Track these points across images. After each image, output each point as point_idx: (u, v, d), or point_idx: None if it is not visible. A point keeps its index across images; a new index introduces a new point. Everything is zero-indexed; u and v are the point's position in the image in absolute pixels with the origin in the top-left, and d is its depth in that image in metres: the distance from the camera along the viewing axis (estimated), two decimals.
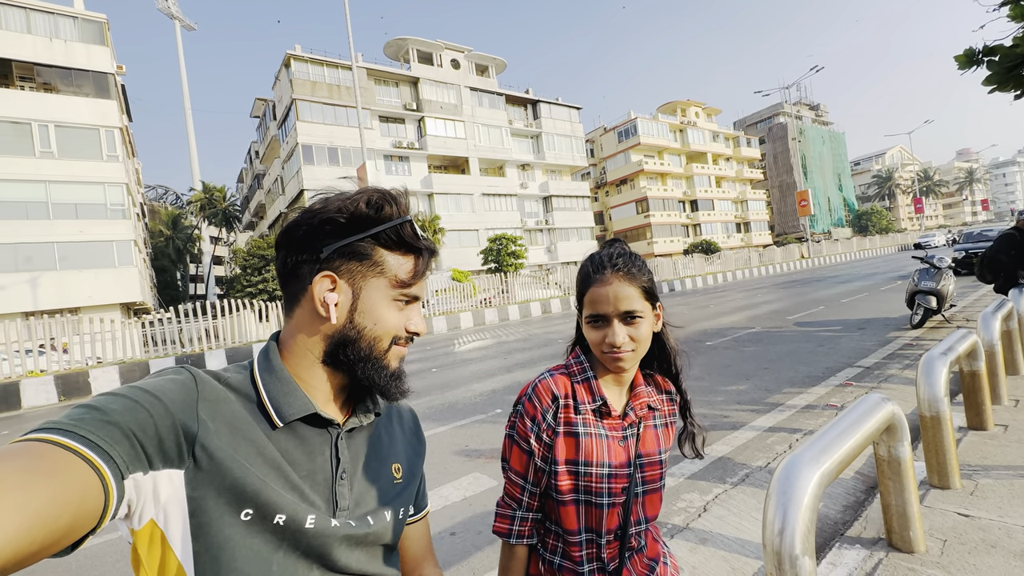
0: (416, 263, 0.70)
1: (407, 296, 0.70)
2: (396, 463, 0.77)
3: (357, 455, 0.71)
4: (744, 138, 56.99)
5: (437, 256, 0.75)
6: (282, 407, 0.64)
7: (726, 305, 14.52)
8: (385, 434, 0.78)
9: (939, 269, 7.31)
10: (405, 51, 33.72)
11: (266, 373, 0.66)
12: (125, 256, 21.08)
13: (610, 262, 0.93)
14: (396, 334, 0.69)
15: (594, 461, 0.92)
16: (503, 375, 7.35)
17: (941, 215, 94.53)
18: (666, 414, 1.03)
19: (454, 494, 3.30)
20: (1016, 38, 4.98)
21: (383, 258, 0.67)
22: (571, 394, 0.95)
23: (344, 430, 0.70)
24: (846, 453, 1.67)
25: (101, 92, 21.27)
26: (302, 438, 0.66)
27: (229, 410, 0.61)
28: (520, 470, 0.95)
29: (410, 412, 0.87)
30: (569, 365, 1.00)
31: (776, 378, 5.48)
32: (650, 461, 0.97)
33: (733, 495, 2.93)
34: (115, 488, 0.49)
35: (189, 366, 0.64)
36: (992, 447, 3.02)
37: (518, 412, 0.97)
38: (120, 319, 12.54)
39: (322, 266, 0.66)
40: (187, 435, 0.56)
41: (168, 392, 0.57)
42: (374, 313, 0.67)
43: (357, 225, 0.66)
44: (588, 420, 0.94)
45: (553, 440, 0.93)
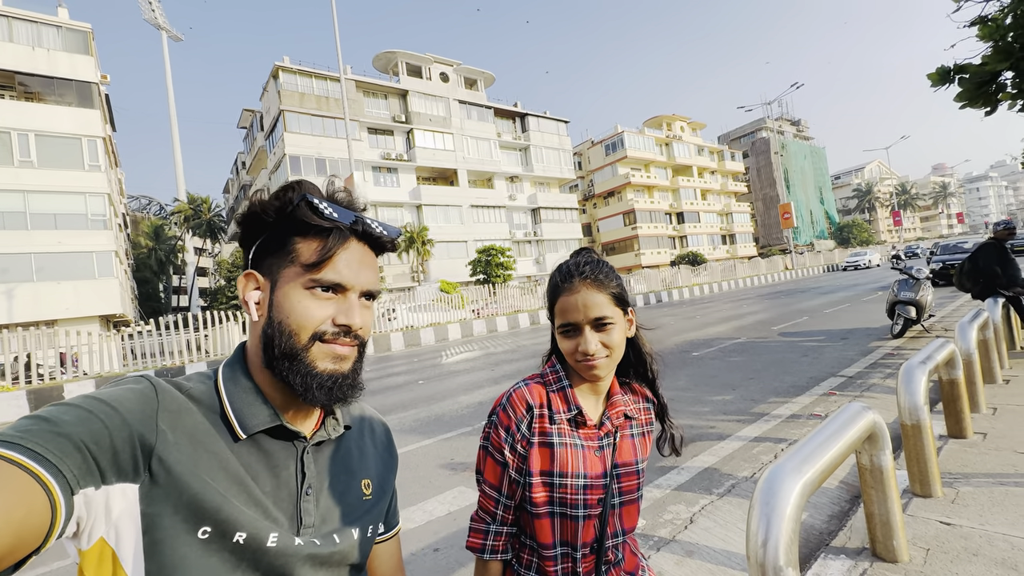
0: (323, 243, 0.62)
1: (321, 282, 0.62)
2: (366, 479, 0.74)
3: (324, 470, 0.68)
4: (728, 152, 58.13)
5: (379, 238, 0.67)
6: (245, 418, 0.61)
7: (712, 316, 14.65)
8: (356, 448, 0.75)
9: (918, 280, 7.47)
10: (394, 64, 33.93)
11: (230, 383, 0.64)
12: (105, 267, 20.64)
13: (577, 271, 0.93)
14: (317, 328, 0.62)
15: (569, 472, 0.90)
16: (491, 387, 7.29)
17: (919, 228, 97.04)
18: (643, 423, 1.02)
19: (438, 509, 3.24)
20: (985, 57, 5.17)
21: (296, 246, 0.63)
22: (546, 403, 0.93)
23: (311, 443, 0.67)
24: (828, 462, 1.67)
25: (84, 101, 21.00)
26: (266, 452, 0.63)
27: (191, 421, 0.58)
28: (494, 482, 0.93)
29: (383, 426, 0.84)
30: (545, 374, 0.98)
31: (761, 388, 5.51)
32: (627, 471, 0.96)
33: (720, 506, 2.91)
34: (63, 504, 0.46)
35: (149, 375, 0.61)
36: (972, 455, 3.06)
37: (492, 423, 0.95)
38: (99, 332, 12.23)
39: (248, 266, 0.65)
40: (144, 447, 0.53)
41: (125, 402, 0.54)
42: (286, 305, 0.62)
43: (265, 219, 0.63)
44: (563, 430, 0.92)
45: (527, 451, 0.91)
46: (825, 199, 66.56)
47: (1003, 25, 5.04)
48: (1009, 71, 5.09)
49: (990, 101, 5.35)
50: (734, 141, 68.23)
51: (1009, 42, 5.02)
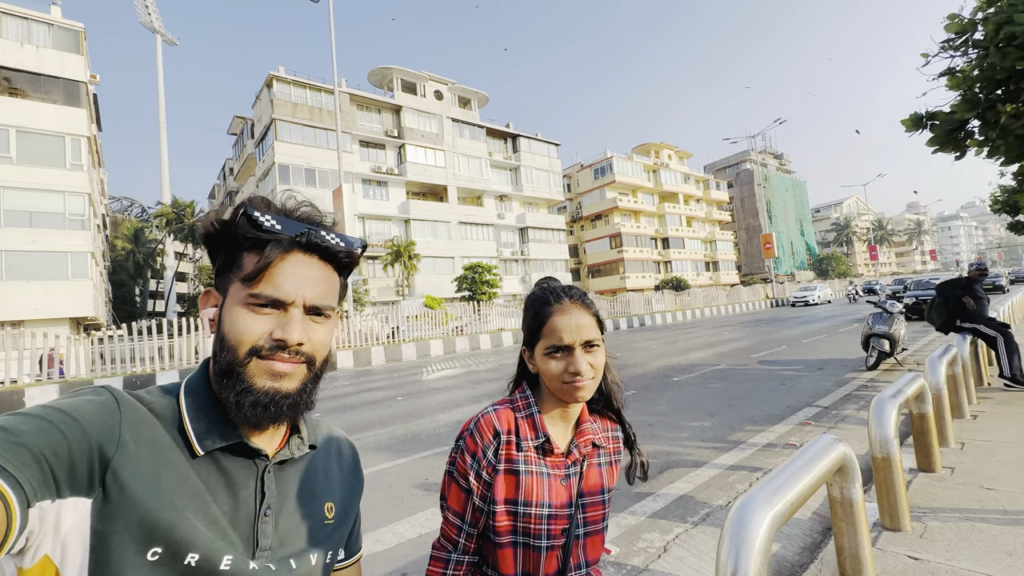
0: (259, 255, 0.60)
1: (259, 296, 0.60)
2: (329, 502, 0.72)
3: (286, 490, 0.66)
4: (714, 181, 59.58)
5: (329, 248, 0.64)
6: (204, 434, 0.60)
7: (694, 341, 14.80)
8: (321, 470, 0.73)
9: (891, 314, 7.67)
10: (389, 79, 34.29)
11: (191, 397, 0.62)
12: (80, 268, 20.08)
13: (566, 293, 0.94)
14: (254, 343, 0.59)
15: (533, 501, 0.89)
16: (470, 405, 7.21)
17: (894, 262, 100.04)
18: (611, 451, 1.01)
19: (409, 531, 3.16)
20: (954, 105, 5.45)
21: (243, 260, 0.62)
22: (514, 430, 0.92)
23: (273, 462, 0.65)
24: (799, 494, 1.68)
25: (71, 100, 20.72)
26: (225, 469, 0.61)
27: (151, 433, 0.57)
28: (458, 509, 0.92)
29: (350, 447, 0.82)
30: (514, 399, 0.98)
31: (739, 416, 5.55)
32: (592, 501, 0.95)
33: (694, 535, 2.90)
34: (19, 516, 0.44)
35: (110, 386, 0.59)
36: (940, 489, 3.10)
37: (459, 448, 0.94)
38: (68, 335, 11.82)
39: (210, 284, 0.66)
40: (102, 460, 0.52)
41: (86, 413, 0.52)
42: (227, 320, 0.61)
43: (215, 235, 0.63)
44: (530, 457, 0.91)
45: (493, 478, 0.90)
46: (805, 231, 68.39)
47: (970, 77, 5.33)
48: (976, 120, 5.37)
49: (959, 147, 5.62)
50: (719, 171, 70.06)
51: (975, 93, 5.31)
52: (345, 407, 7.83)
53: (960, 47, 5.30)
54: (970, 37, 5.16)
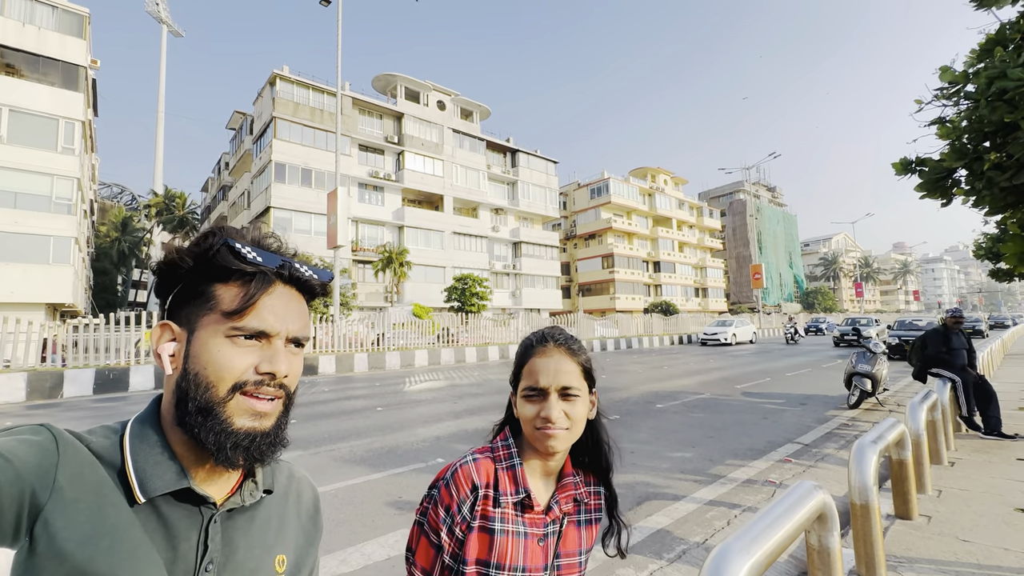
0: (246, 288, 0.59)
1: (244, 330, 0.58)
2: (281, 554, 0.66)
3: (233, 542, 0.61)
4: (707, 209, 60.43)
5: (307, 282, 0.63)
6: (147, 480, 0.55)
7: (679, 368, 14.82)
8: (275, 517, 0.67)
9: (875, 353, 7.74)
10: (393, 86, 34.50)
11: (137, 439, 0.58)
12: (62, 253, 19.65)
13: (551, 336, 0.92)
14: (239, 378, 0.58)
15: (507, 564, 0.84)
16: (451, 421, 7.10)
17: (879, 300, 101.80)
18: (592, 507, 0.96)
19: (378, 552, 3.05)
20: (943, 154, 5.57)
21: (215, 293, 0.59)
22: (493, 483, 0.87)
23: (222, 511, 0.60)
24: (777, 543, 1.64)
25: (69, 83, 20.49)
26: (167, 519, 0.56)
27: (92, 478, 0.52)
28: (426, 566, 0.86)
29: (311, 492, 0.76)
30: (495, 448, 0.93)
31: (721, 448, 5.52)
32: (568, 562, 0.90)
33: (668, 572, 2.83)
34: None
35: (50, 425, 0.54)
36: (916, 538, 3.08)
37: (432, 498, 0.88)
38: (43, 321, 11.49)
39: (164, 316, 0.61)
40: (32, 507, 0.48)
41: (20, 455, 0.48)
42: (203, 354, 0.58)
43: (181, 267, 0.60)
44: (507, 515, 0.86)
45: (466, 535, 0.84)
46: (794, 264, 69.48)
47: (959, 127, 5.47)
48: (963, 169, 5.49)
49: (946, 194, 5.74)
50: (713, 199, 71.17)
51: (964, 143, 5.44)
52: (323, 415, 7.66)
53: (952, 97, 5.45)
54: (962, 88, 5.30)
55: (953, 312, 6.28)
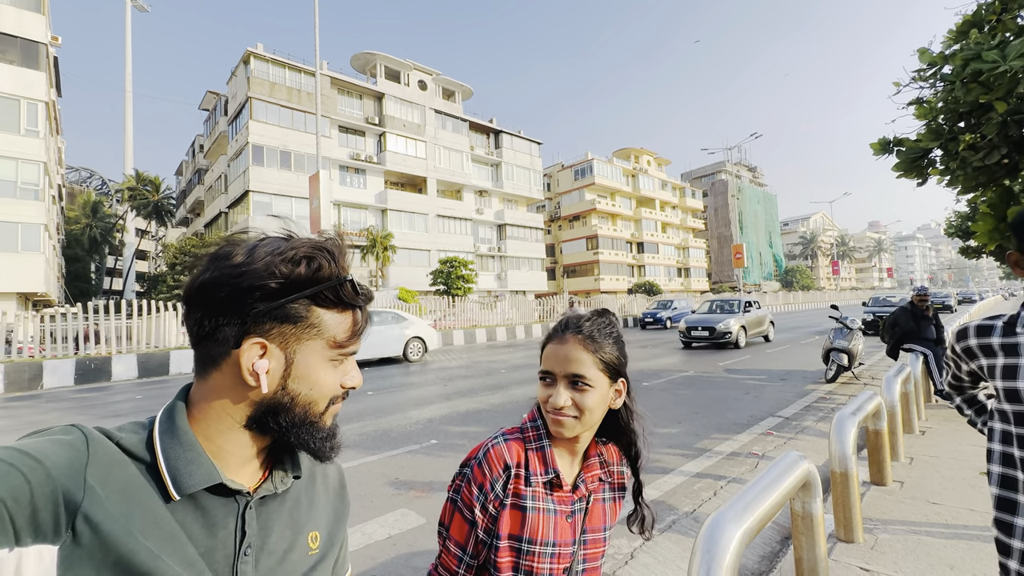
0: (355, 320, 0.65)
1: (346, 354, 0.65)
2: (313, 531, 0.69)
3: (268, 526, 0.64)
4: (690, 190, 60.89)
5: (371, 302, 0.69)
6: (181, 476, 0.57)
7: (664, 347, 15.12)
8: (304, 498, 0.70)
9: (851, 330, 8.03)
10: (372, 65, 33.59)
11: (167, 436, 0.58)
12: (31, 241, 18.96)
13: (575, 324, 0.92)
14: (333, 395, 0.64)
15: (539, 539, 0.87)
16: (442, 403, 7.18)
17: (854, 278, 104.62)
18: (615, 486, 1.00)
19: (378, 532, 3.12)
20: (920, 134, 5.72)
21: (320, 318, 0.61)
22: (523, 463, 0.90)
23: (255, 499, 0.63)
24: (766, 511, 1.74)
25: (29, 61, 19.47)
26: (203, 510, 0.58)
27: (123, 475, 0.54)
28: (460, 540, 0.89)
29: (336, 471, 0.79)
30: (525, 429, 0.95)
31: (705, 423, 5.71)
32: (594, 537, 0.94)
33: (659, 542, 2.97)
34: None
35: (81, 425, 0.56)
36: (890, 503, 3.27)
37: (465, 476, 0.91)
38: (15, 311, 11.16)
39: (250, 330, 0.59)
40: (68, 505, 0.49)
41: (51, 455, 0.49)
42: (310, 378, 0.62)
43: (291, 287, 0.59)
44: (538, 493, 0.89)
45: (499, 512, 0.88)
46: (774, 243, 70.74)
47: (936, 108, 5.61)
48: (939, 149, 5.66)
49: (922, 174, 5.90)
50: (695, 180, 71.63)
51: (940, 124, 5.58)
52: None
53: (929, 79, 5.57)
54: (939, 70, 5.42)
55: (919, 291, 6.57)
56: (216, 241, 0.62)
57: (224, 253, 0.60)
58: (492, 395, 7.71)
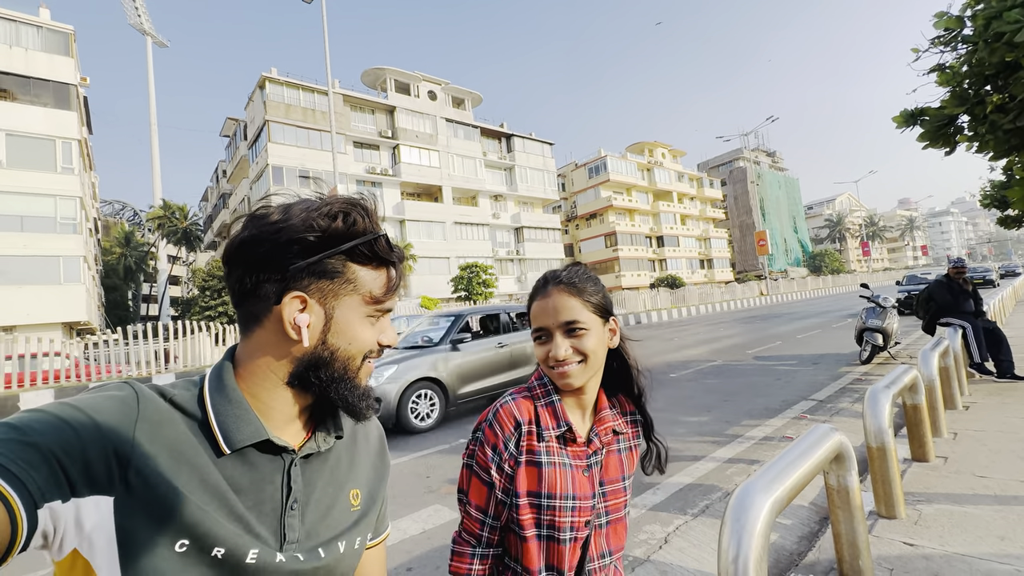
0: (389, 276, 0.67)
1: (383, 310, 0.67)
2: (355, 489, 0.72)
3: (312, 482, 0.67)
4: (707, 179, 59.85)
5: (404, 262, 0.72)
6: (231, 432, 0.59)
7: (690, 338, 14.89)
8: (346, 457, 0.73)
9: (884, 308, 7.76)
10: (383, 80, 34.22)
11: (217, 394, 0.61)
12: (72, 273, 19.91)
13: (553, 277, 0.93)
14: (369, 349, 0.66)
15: (557, 493, 0.86)
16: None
17: (886, 258, 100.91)
18: (630, 437, 0.99)
19: (412, 527, 3.18)
20: (943, 101, 5.51)
21: (355, 274, 0.63)
22: (534, 419, 0.90)
23: (299, 456, 0.65)
24: (797, 481, 1.72)
25: (61, 103, 20.54)
26: (251, 464, 0.61)
27: (172, 431, 0.57)
28: (480, 504, 0.89)
29: (377, 431, 0.82)
30: (532, 387, 0.94)
31: (736, 410, 5.61)
32: (613, 488, 0.93)
33: (693, 526, 2.94)
34: (25, 519, 0.44)
35: (133, 381, 0.59)
36: (933, 478, 3.16)
37: (477, 439, 0.91)
38: (61, 339, 11.74)
39: (289, 286, 0.60)
40: (120, 458, 0.52)
41: (102, 411, 0.52)
42: (348, 332, 0.64)
43: (328, 242, 0.61)
44: (552, 448, 0.89)
45: (515, 470, 0.87)
46: (799, 228, 68.86)
47: (959, 72, 5.40)
48: (965, 115, 5.44)
49: (949, 142, 5.69)
50: (712, 169, 70.38)
51: (964, 88, 5.38)
52: None
53: (949, 43, 5.37)
54: (959, 32, 5.22)
55: (955, 263, 6.29)
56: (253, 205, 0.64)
57: (261, 213, 0.62)
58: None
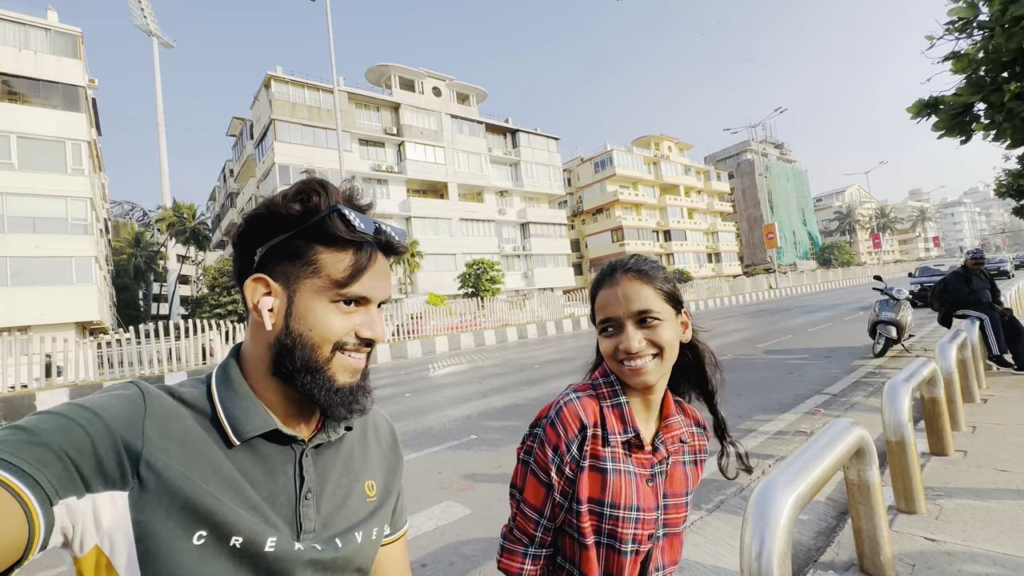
0: (355, 258, 0.61)
1: (347, 296, 0.61)
2: (370, 480, 0.72)
3: (325, 473, 0.67)
4: (714, 172, 59.38)
5: (397, 248, 0.66)
6: (239, 423, 0.60)
7: (699, 333, 14.77)
8: (358, 449, 0.73)
9: (898, 300, 7.64)
10: (387, 77, 34.21)
11: (223, 387, 0.62)
12: (84, 273, 20.16)
13: (621, 264, 0.88)
14: (339, 340, 0.62)
15: (622, 503, 0.82)
16: (478, 400, 7.24)
17: (897, 250, 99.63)
18: (696, 449, 0.94)
19: (426, 523, 3.18)
20: (959, 89, 5.40)
21: (318, 256, 0.61)
22: (599, 422, 0.84)
23: (310, 446, 0.66)
24: (818, 476, 1.69)
25: (70, 105, 20.73)
26: (262, 456, 0.62)
27: (181, 426, 0.57)
28: (536, 504, 0.85)
29: (388, 425, 0.82)
30: (597, 385, 0.89)
31: (748, 405, 5.56)
32: (676, 503, 0.88)
33: (709, 522, 2.91)
34: (41, 517, 0.45)
35: (139, 381, 0.60)
36: (953, 472, 3.11)
37: (537, 437, 0.86)
38: (75, 338, 11.91)
39: (257, 269, 0.62)
40: (131, 454, 0.52)
41: (110, 408, 0.53)
42: (309, 318, 0.60)
43: (284, 222, 0.60)
44: (617, 455, 0.84)
45: (576, 475, 0.82)
46: (808, 221, 68.13)
47: (975, 59, 5.29)
48: (981, 103, 5.33)
49: (965, 131, 5.58)
50: (720, 162, 69.77)
51: (981, 75, 5.27)
52: None
53: (965, 29, 5.25)
54: (975, 18, 5.11)
55: (974, 254, 6.18)
56: None
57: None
58: (527, 390, 7.72)
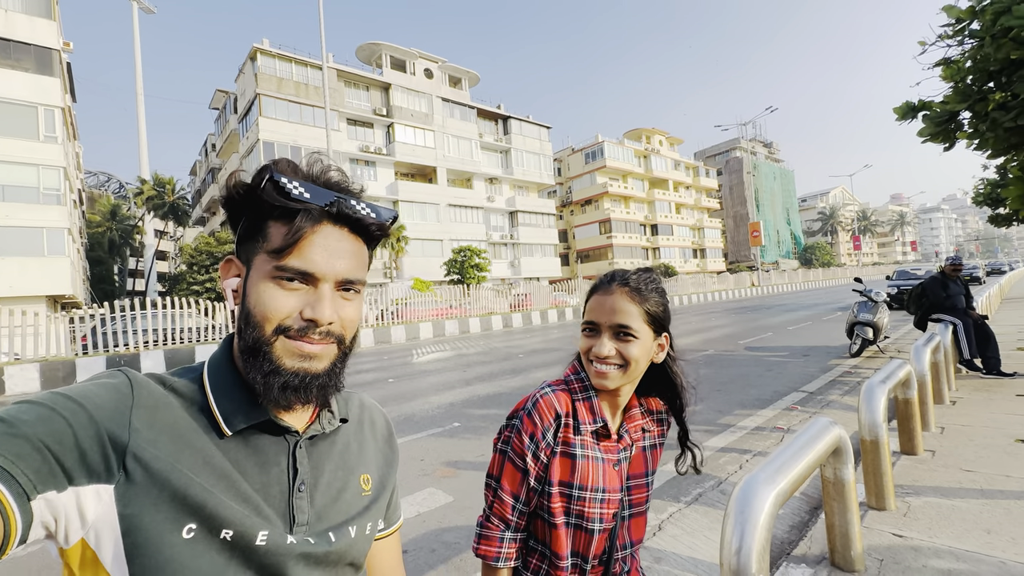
0: (289, 225, 0.56)
1: (287, 269, 0.56)
2: (365, 474, 0.71)
3: (319, 465, 0.65)
4: (703, 168, 59.75)
5: (362, 220, 0.60)
6: (231, 414, 0.58)
7: (682, 327, 15.00)
8: (354, 442, 0.72)
9: (876, 303, 7.84)
10: (378, 56, 33.45)
11: (215, 376, 0.60)
12: (56, 245, 19.49)
13: (621, 277, 0.94)
14: (280, 321, 0.56)
15: (589, 485, 0.90)
16: (462, 388, 7.24)
17: (876, 253, 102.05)
18: (655, 435, 1.03)
19: (407, 510, 3.18)
20: (946, 96, 5.49)
21: (268, 230, 0.58)
22: (571, 412, 0.93)
23: (304, 438, 0.64)
24: (798, 474, 1.73)
25: (43, 68, 19.82)
26: (255, 446, 0.60)
27: (170, 416, 0.55)
28: (512, 489, 0.92)
29: (383, 418, 0.81)
30: (569, 381, 0.97)
31: (728, 400, 5.67)
32: (637, 484, 0.97)
33: (687, 514, 2.97)
34: (17, 511, 0.43)
35: (126, 368, 0.57)
36: (922, 471, 3.22)
37: (514, 427, 0.94)
38: (45, 312, 11.53)
39: (233, 251, 0.62)
40: (116, 445, 0.50)
41: (95, 398, 0.51)
42: (253, 293, 0.57)
43: (244, 203, 0.59)
44: (586, 442, 0.92)
45: (550, 460, 0.91)
46: (792, 220, 69.23)
47: (964, 68, 5.37)
48: (967, 111, 5.43)
49: (949, 138, 5.68)
50: (709, 158, 70.23)
51: (968, 84, 5.35)
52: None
53: (957, 36, 5.32)
54: (967, 26, 5.17)
55: (953, 260, 6.35)
56: None
57: None
58: (511, 379, 7.75)
